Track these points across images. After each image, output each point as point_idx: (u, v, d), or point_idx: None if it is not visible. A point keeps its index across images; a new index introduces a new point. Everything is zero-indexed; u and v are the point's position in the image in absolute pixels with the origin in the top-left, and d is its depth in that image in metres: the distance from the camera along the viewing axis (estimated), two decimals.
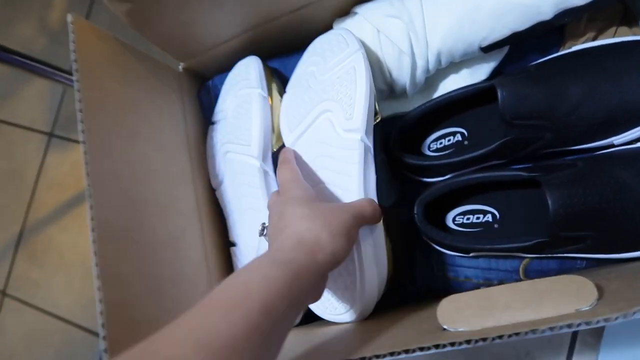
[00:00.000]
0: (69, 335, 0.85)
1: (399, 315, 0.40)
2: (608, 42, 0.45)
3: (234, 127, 0.50)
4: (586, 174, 0.41)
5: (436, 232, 0.47)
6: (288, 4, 0.50)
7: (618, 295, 0.30)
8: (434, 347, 0.29)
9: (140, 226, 0.43)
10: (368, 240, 0.42)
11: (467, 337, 0.29)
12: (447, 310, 0.33)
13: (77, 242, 0.87)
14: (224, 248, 0.53)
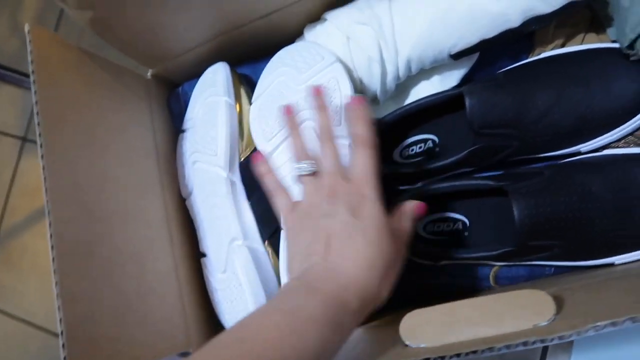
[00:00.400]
0: (44, 342, 0.84)
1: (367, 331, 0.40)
2: (575, 49, 0.45)
3: (201, 136, 0.49)
4: (553, 182, 0.41)
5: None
6: (257, 10, 0.49)
7: (576, 309, 0.30)
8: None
9: (105, 240, 0.42)
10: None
11: (425, 354, 0.29)
12: (410, 325, 0.33)
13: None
14: (195, 259, 0.52)
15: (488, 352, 0.28)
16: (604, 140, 0.44)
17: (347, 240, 0.34)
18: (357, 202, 0.36)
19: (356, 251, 0.34)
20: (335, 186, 0.37)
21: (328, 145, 0.40)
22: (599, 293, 0.32)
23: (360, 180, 0.37)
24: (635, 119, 0.42)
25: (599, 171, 0.42)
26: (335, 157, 0.39)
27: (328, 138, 0.40)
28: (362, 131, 0.39)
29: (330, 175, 0.38)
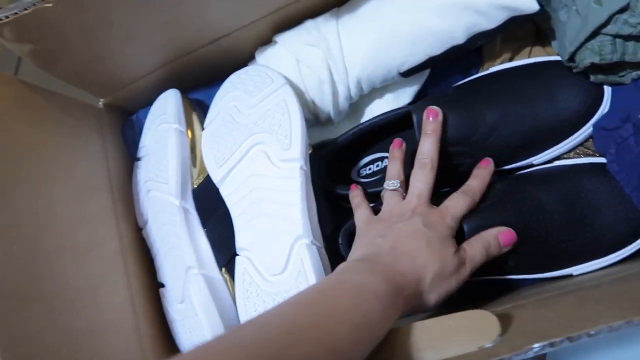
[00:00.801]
0: None
1: None
2: (522, 63, 0.46)
3: (153, 164, 0.48)
4: (504, 196, 0.41)
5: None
6: (205, 36, 0.49)
7: (520, 329, 0.29)
8: None
9: (52, 277, 0.41)
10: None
11: None
12: None
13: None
14: (153, 290, 0.51)
15: None
16: (554, 152, 0.44)
17: (411, 239, 0.37)
18: (432, 220, 0.38)
19: (417, 249, 0.37)
20: (419, 206, 0.40)
21: (426, 171, 0.41)
22: (547, 310, 0.32)
23: (447, 209, 0.40)
24: (583, 130, 0.43)
25: (550, 183, 0.42)
26: (429, 184, 0.41)
27: (429, 167, 0.41)
28: (476, 187, 0.41)
29: (419, 196, 0.41)
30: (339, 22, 0.47)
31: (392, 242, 0.38)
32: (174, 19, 0.44)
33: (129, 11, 0.41)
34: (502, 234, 0.40)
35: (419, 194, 0.41)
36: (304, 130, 0.44)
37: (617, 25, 0.36)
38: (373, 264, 0.36)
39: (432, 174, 0.41)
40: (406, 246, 0.37)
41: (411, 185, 0.42)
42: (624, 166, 0.39)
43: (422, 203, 0.40)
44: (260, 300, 0.43)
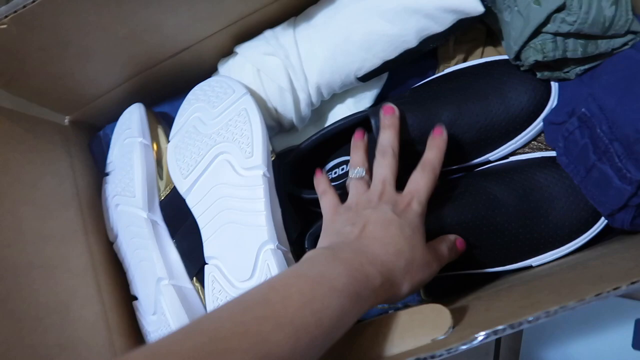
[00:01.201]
0: None
1: None
2: (474, 64, 0.47)
3: (120, 179, 0.49)
4: (461, 193, 0.43)
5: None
6: (166, 49, 0.50)
7: (471, 320, 0.30)
8: None
9: (20, 294, 0.41)
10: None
11: None
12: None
13: None
14: (126, 303, 0.51)
15: None
16: (508, 148, 0.45)
17: (382, 227, 0.36)
18: (401, 208, 0.38)
19: (388, 236, 0.36)
20: (385, 191, 0.39)
21: (389, 159, 0.41)
22: (499, 300, 0.33)
23: (411, 194, 0.39)
24: (534, 126, 0.44)
25: (505, 178, 0.43)
26: (393, 170, 0.41)
27: (391, 154, 0.41)
28: (433, 158, 0.41)
29: (383, 182, 0.40)
30: (296, 31, 0.48)
31: (361, 228, 0.37)
32: (130, 34, 0.44)
33: (83, 29, 0.42)
34: (458, 240, 0.41)
35: (383, 180, 0.40)
36: (266, 138, 0.45)
37: (556, 24, 0.37)
38: (339, 252, 0.35)
39: (395, 160, 0.41)
40: (377, 233, 0.36)
41: (375, 172, 0.41)
42: (572, 158, 0.40)
43: (388, 189, 0.40)
44: None
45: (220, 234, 0.45)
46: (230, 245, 0.44)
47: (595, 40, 0.38)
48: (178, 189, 0.47)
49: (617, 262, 0.33)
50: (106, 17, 0.42)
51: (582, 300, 0.25)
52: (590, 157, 0.38)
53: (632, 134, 0.34)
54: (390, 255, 0.35)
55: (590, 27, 0.37)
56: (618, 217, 0.38)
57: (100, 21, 0.42)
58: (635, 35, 0.38)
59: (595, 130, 0.37)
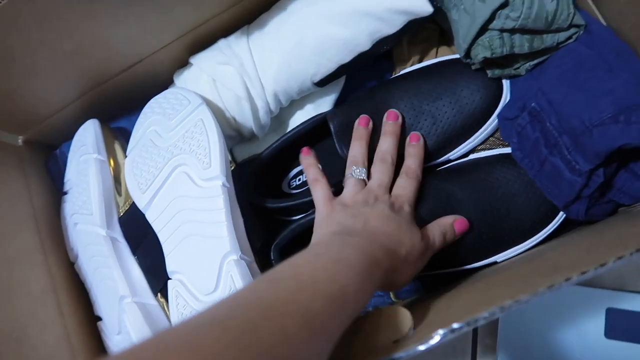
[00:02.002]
0: None
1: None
2: (427, 64, 0.47)
3: (77, 197, 0.48)
4: (420, 193, 0.43)
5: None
6: (117, 63, 0.49)
7: (431, 319, 0.30)
8: None
9: None
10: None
11: None
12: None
13: None
14: (91, 324, 0.50)
15: None
16: (466, 146, 0.46)
17: (383, 222, 0.38)
18: (396, 209, 0.40)
19: (390, 229, 0.38)
20: (380, 194, 0.41)
21: (385, 165, 0.43)
22: (459, 297, 0.33)
23: (401, 198, 0.42)
24: (489, 124, 0.45)
25: (464, 176, 0.44)
26: (390, 177, 0.43)
27: (390, 162, 0.44)
28: (414, 165, 0.43)
29: (380, 186, 0.42)
30: (249, 39, 0.48)
31: (364, 222, 0.38)
32: (77, 49, 0.44)
33: (27, 45, 0.41)
34: (457, 222, 0.42)
35: (379, 184, 0.42)
36: (223, 148, 0.44)
37: (501, 20, 0.38)
38: (348, 237, 0.36)
39: (392, 168, 0.43)
40: (380, 226, 0.38)
41: (373, 176, 0.43)
42: (526, 153, 0.41)
43: (384, 192, 0.42)
44: None
45: (181, 247, 0.44)
46: (193, 259, 0.43)
47: (541, 35, 0.39)
48: (137, 204, 0.46)
49: (571, 252, 0.34)
50: (49, 33, 0.41)
51: (535, 293, 0.25)
52: (542, 151, 0.38)
53: (578, 125, 0.35)
54: (393, 244, 0.37)
55: (534, 22, 0.37)
56: (573, 208, 0.39)
57: (43, 37, 0.41)
58: (579, 28, 0.39)
59: (545, 124, 0.38)
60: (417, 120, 0.44)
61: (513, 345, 0.58)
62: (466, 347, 0.61)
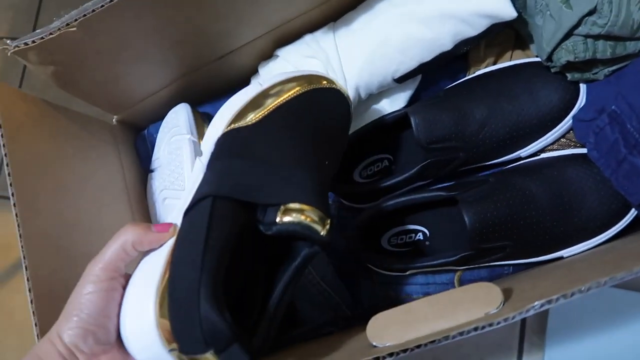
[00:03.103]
0: None
1: (336, 339, 0.42)
2: (505, 65, 0.50)
3: (168, 174, 0.51)
4: (497, 188, 0.45)
5: (372, 256, 0.50)
6: (212, 52, 0.52)
7: (521, 295, 0.33)
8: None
9: None
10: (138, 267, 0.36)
11: (390, 350, 0.31)
12: (375, 328, 0.35)
13: (27, 303, 0.85)
14: None
15: (444, 340, 0.30)
16: (539, 144, 0.48)
17: None
18: None
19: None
20: None
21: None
22: (542, 280, 0.35)
23: None
24: (563, 124, 0.47)
25: (537, 174, 0.46)
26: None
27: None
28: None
29: None
30: (335, 35, 0.51)
31: None
32: (182, 37, 0.47)
33: (140, 33, 0.45)
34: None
35: None
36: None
37: (587, 27, 0.40)
38: None
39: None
40: None
41: None
42: (603, 153, 0.43)
43: None
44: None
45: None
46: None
47: (624, 42, 0.41)
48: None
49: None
50: (162, 20, 0.45)
51: (631, 272, 0.27)
52: (621, 151, 0.40)
53: None
54: None
55: (620, 30, 0.39)
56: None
57: (156, 24, 0.45)
58: None
59: (625, 126, 0.40)
60: (493, 117, 0.47)
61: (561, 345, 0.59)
62: (512, 344, 0.63)
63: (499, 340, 0.62)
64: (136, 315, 0.32)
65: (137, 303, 0.32)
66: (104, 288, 0.33)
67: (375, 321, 0.35)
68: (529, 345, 0.62)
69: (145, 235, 0.34)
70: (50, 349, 0.32)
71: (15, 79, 0.89)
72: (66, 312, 0.33)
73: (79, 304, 0.33)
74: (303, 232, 0.34)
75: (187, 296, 0.30)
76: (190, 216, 0.34)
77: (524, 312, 0.29)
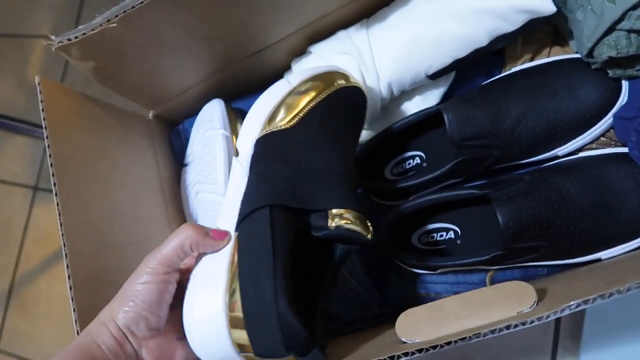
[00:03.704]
0: None
1: (366, 335, 0.42)
2: (542, 62, 0.49)
3: (201, 168, 0.52)
4: (532, 187, 0.44)
5: (403, 253, 0.49)
6: (246, 49, 0.53)
7: (555, 296, 0.32)
8: (389, 359, 0.31)
9: (118, 270, 0.45)
10: (194, 274, 0.36)
11: (419, 346, 0.31)
12: (404, 324, 0.35)
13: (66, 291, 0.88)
14: None
15: (475, 338, 0.30)
16: (577, 143, 0.47)
17: None
18: None
19: None
20: None
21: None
22: (579, 281, 0.35)
23: None
24: (603, 122, 0.45)
25: (575, 173, 0.45)
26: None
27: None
28: None
29: None
30: (369, 31, 0.51)
31: None
32: (216, 33, 0.48)
33: (177, 29, 0.46)
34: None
35: None
36: None
37: (630, 21, 0.39)
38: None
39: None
40: None
41: None
42: None
43: None
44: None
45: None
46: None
47: None
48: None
49: None
50: (195, 17, 0.46)
51: None
52: None
53: None
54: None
55: None
56: None
57: (190, 21, 0.46)
58: None
59: None
60: (530, 114, 0.46)
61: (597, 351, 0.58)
62: (545, 347, 0.61)
63: (531, 342, 0.61)
64: (205, 321, 0.34)
65: (204, 308, 0.34)
66: (159, 280, 0.35)
67: (404, 317, 0.35)
68: (563, 350, 0.60)
69: (204, 239, 0.36)
70: (103, 330, 0.34)
71: (57, 76, 0.92)
72: (121, 297, 0.35)
73: (135, 291, 0.35)
74: (353, 236, 0.37)
75: (264, 306, 0.32)
76: (248, 227, 0.36)
77: (559, 312, 0.28)
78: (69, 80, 0.92)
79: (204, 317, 0.33)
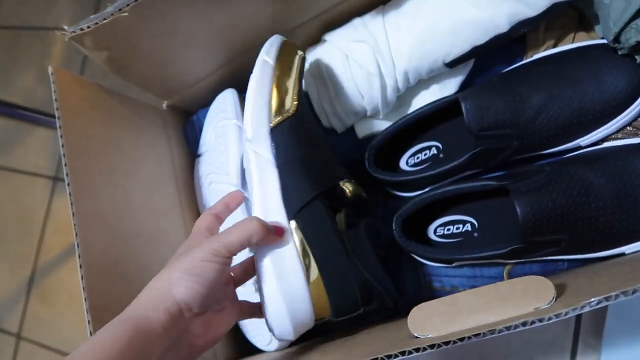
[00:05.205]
0: None
1: (377, 328, 0.41)
2: (566, 49, 0.47)
3: (214, 158, 0.52)
4: (553, 179, 0.42)
5: (417, 246, 0.48)
6: (258, 37, 0.52)
7: (575, 292, 0.31)
8: (399, 354, 0.30)
9: (130, 260, 0.45)
10: (266, 266, 0.39)
11: (431, 342, 0.30)
12: (417, 318, 0.34)
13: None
14: None
15: (490, 334, 0.29)
16: (601, 133, 0.45)
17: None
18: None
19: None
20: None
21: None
22: (600, 277, 0.33)
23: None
24: (630, 110, 0.43)
25: (599, 164, 0.43)
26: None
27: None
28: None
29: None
30: (385, 18, 0.49)
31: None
32: (230, 22, 0.48)
33: (190, 18, 0.45)
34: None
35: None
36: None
37: None
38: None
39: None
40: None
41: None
42: None
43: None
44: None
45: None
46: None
47: None
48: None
49: None
50: (211, 7, 0.45)
51: None
52: None
53: None
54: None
55: None
56: None
57: (205, 9, 0.46)
58: None
59: None
60: (552, 103, 0.44)
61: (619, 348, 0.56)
62: (566, 344, 0.60)
63: (551, 338, 0.59)
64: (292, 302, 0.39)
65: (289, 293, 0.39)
66: (220, 262, 0.36)
67: (417, 311, 0.34)
68: (584, 346, 0.58)
69: (267, 235, 0.38)
70: (157, 304, 0.34)
71: (76, 69, 0.93)
72: (179, 271, 0.36)
73: (198, 267, 0.35)
74: (363, 197, 0.46)
75: (344, 277, 0.41)
76: (307, 220, 0.41)
77: (578, 309, 0.27)
78: (88, 73, 0.93)
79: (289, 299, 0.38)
